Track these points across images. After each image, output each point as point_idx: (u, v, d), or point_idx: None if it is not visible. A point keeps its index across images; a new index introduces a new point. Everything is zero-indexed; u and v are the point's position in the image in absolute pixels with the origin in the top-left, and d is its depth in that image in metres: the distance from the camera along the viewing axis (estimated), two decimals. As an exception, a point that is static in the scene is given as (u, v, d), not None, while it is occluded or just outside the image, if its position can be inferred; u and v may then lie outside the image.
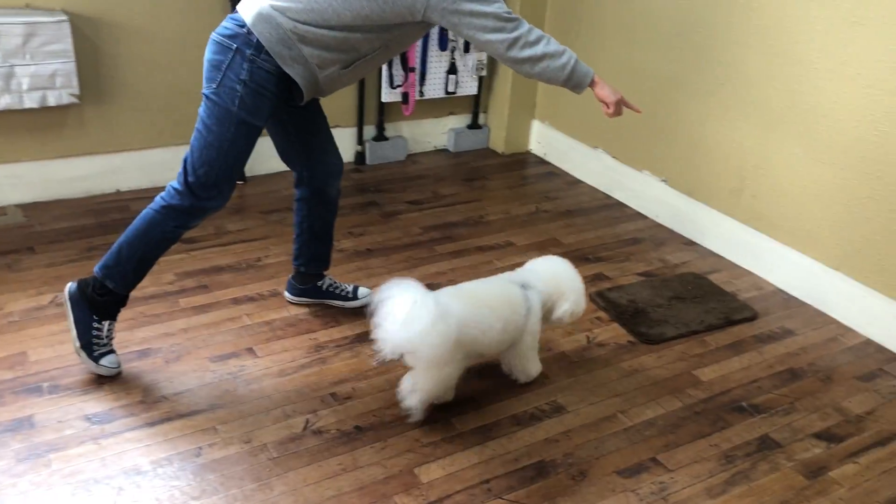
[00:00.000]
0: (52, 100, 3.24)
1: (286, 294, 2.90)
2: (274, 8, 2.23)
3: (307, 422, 2.33)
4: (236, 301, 2.88)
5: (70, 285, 2.44)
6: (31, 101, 3.21)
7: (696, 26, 3.38)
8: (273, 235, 3.34)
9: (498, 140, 4.43)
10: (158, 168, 3.66)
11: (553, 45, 2.29)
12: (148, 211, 2.38)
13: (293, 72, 2.27)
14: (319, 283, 2.86)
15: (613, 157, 3.95)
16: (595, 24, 3.89)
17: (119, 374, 2.46)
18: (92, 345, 2.42)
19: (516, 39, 2.23)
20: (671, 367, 2.70)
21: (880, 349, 2.89)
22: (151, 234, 2.37)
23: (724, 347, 2.84)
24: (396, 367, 2.57)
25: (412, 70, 4.01)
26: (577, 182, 4.14)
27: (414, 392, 2.28)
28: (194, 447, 2.20)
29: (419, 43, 4.01)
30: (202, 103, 2.33)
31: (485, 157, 4.39)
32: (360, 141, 4.14)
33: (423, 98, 4.17)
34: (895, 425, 2.50)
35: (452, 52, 4.11)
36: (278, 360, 2.58)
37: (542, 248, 3.42)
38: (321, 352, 2.63)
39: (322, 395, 2.44)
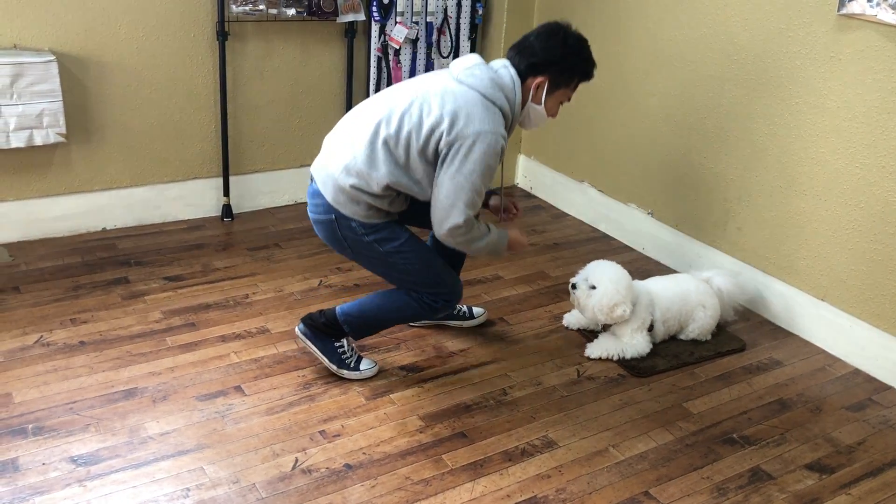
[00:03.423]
0: (38, 139, 3.24)
1: None
2: (334, 173, 2.42)
3: (296, 460, 2.30)
4: (224, 339, 2.86)
5: (298, 327, 2.66)
6: (17, 141, 3.20)
7: (677, 60, 3.44)
8: (260, 272, 3.34)
9: (484, 175, 4.45)
10: (145, 206, 3.66)
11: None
12: (410, 300, 2.59)
13: (366, 218, 2.44)
14: None
15: (599, 190, 3.98)
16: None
17: (379, 370, 2.70)
18: (343, 361, 2.64)
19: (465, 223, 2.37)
20: (662, 400, 2.70)
21: (869, 379, 2.90)
22: (404, 313, 2.63)
23: (713, 379, 2.84)
24: (385, 404, 2.56)
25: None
26: (564, 215, 4.17)
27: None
28: (182, 488, 2.17)
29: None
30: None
31: (471, 191, 4.40)
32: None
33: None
34: (886, 456, 2.51)
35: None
36: (266, 398, 2.56)
37: (529, 282, 3.42)
38: (310, 389, 2.62)
39: (311, 433, 2.42)
